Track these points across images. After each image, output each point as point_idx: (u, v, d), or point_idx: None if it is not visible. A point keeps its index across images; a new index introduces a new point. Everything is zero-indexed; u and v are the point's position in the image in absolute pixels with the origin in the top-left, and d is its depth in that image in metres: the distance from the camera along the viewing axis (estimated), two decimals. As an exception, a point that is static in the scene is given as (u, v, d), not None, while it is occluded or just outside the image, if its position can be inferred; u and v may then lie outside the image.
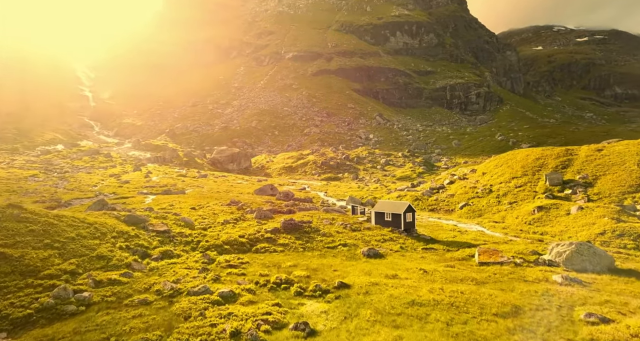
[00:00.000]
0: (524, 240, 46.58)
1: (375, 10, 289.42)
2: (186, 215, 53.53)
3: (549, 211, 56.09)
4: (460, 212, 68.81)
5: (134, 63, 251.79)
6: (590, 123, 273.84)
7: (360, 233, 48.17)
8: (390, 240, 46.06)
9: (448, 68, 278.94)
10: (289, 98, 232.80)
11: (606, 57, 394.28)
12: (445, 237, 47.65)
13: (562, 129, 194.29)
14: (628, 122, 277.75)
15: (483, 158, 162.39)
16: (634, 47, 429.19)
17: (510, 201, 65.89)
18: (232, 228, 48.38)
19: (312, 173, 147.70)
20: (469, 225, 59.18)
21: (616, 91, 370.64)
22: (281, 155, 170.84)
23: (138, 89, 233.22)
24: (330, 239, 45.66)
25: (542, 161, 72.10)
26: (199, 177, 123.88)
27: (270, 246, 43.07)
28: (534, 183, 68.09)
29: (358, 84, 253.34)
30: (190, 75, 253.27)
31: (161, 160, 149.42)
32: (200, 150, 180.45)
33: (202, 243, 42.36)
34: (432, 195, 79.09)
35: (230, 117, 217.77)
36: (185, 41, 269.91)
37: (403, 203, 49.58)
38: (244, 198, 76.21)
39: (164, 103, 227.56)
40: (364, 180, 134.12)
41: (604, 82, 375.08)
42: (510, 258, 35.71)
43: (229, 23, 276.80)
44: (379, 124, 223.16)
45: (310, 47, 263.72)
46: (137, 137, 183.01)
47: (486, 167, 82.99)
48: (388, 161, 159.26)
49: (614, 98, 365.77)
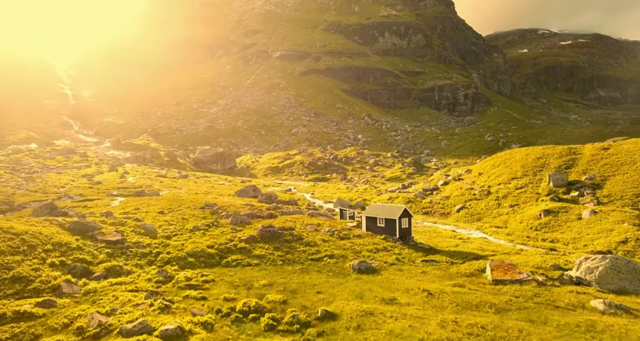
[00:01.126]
0: (535, 249, 40.24)
1: (364, 10, 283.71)
2: (150, 220, 46.08)
3: (557, 215, 49.98)
4: (457, 216, 62.50)
5: (117, 61, 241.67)
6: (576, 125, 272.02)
7: (350, 241, 41.34)
8: (384, 249, 39.31)
9: (436, 69, 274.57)
10: (277, 97, 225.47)
11: (589, 60, 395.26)
12: (446, 246, 41.06)
13: (551, 130, 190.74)
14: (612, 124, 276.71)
15: (473, 159, 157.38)
16: (615, 51, 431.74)
17: (511, 204, 59.76)
18: (201, 237, 41.16)
19: (299, 174, 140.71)
20: (468, 231, 52.82)
21: (599, 94, 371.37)
22: (267, 155, 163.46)
23: (121, 88, 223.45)
24: (315, 249, 38.75)
25: (544, 161, 66.23)
26: (179, 178, 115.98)
27: (243, 258, 35.99)
28: (536, 184, 62.12)
29: (346, 84, 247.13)
30: (175, 74, 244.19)
31: (141, 160, 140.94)
32: (184, 150, 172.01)
33: (162, 255, 35.09)
34: (425, 196, 72.73)
35: (216, 116, 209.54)
36: (170, 40, 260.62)
37: (398, 207, 42.91)
38: (222, 200, 68.86)
39: (148, 102, 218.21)
40: (352, 181, 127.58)
41: (587, 85, 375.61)
42: (529, 274, 29.22)
43: (215, 21, 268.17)
44: (368, 124, 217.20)
45: (298, 47, 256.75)
46: (117, 137, 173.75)
47: (482, 167, 76.95)
48: (377, 161, 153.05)
49: (597, 101, 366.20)
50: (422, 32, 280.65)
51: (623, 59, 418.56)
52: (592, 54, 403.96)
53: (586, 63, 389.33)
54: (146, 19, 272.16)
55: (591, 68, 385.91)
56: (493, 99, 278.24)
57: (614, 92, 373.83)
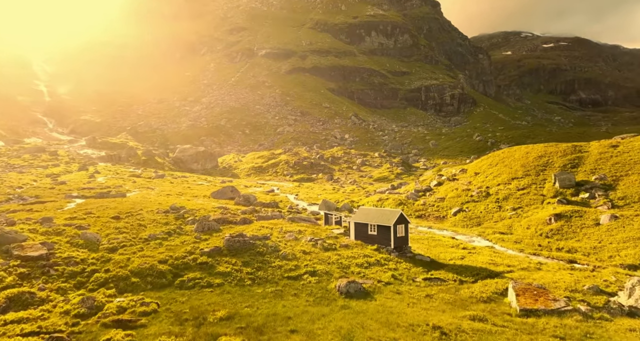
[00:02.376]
0: (557, 263, 33.49)
1: (350, 9, 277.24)
2: (98, 228, 38.01)
3: (571, 220, 43.48)
4: (454, 220, 55.73)
5: (96, 57, 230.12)
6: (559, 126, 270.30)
7: (336, 253, 33.97)
8: (377, 263, 32.05)
9: (423, 69, 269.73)
10: (262, 96, 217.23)
11: (571, 63, 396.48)
12: (450, 259, 34.01)
13: (538, 130, 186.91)
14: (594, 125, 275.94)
15: (462, 159, 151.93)
16: (596, 54, 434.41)
17: (513, 206, 53.23)
18: (156, 248, 33.34)
19: (284, 174, 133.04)
20: (470, 238, 46.01)
21: (581, 96, 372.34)
22: (251, 154, 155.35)
23: (99, 85, 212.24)
24: (294, 264, 31.30)
25: (546, 159, 59.97)
26: (154, 178, 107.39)
27: (203, 277, 28.34)
28: (540, 185, 55.75)
29: (333, 83, 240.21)
30: (157, 71, 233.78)
31: (116, 159, 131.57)
32: (164, 149, 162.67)
33: (98, 274, 27.22)
34: (418, 198, 65.89)
35: (199, 115, 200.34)
36: (152, 36, 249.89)
37: (392, 212, 35.73)
38: (194, 203, 60.90)
39: (127, 100, 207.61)
40: (339, 182, 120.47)
41: (569, 87, 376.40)
42: (566, 301, 22.29)
43: (199, 18, 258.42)
44: (355, 124, 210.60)
45: (284, 45, 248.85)
46: (94, 135, 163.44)
47: (478, 166, 70.48)
48: (364, 161, 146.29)
49: (578, 103, 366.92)
50: (409, 32, 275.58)
51: (602, 63, 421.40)
52: (574, 57, 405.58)
53: (568, 66, 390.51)
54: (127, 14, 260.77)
55: (573, 70, 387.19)
56: (479, 100, 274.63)
57: (594, 95, 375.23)
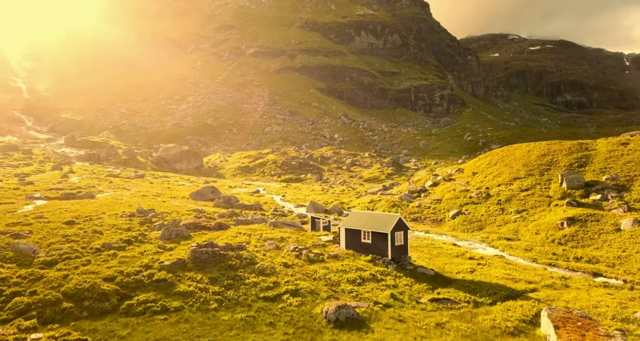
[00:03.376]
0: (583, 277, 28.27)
1: (340, 9, 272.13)
2: (41, 236, 31.76)
3: (586, 225, 38.52)
4: (452, 223, 50.55)
5: (79, 54, 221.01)
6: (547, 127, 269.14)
7: (323, 266, 28.34)
8: (372, 279, 26.51)
9: (412, 69, 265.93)
10: (250, 95, 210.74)
11: (556, 65, 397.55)
12: (457, 272, 28.62)
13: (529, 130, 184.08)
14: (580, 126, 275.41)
15: (454, 159, 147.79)
16: (580, 57, 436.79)
17: (517, 209, 48.24)
18: (106, 261, 27.30)
19: (272, 174, 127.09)
20: (472, 244, 40.80)
21: (566, 98, 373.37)
22: (237, 154, 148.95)
23: (81, 82, 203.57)
24: (272, 280, 25.60)
25: (550, 158, 55.20)
26: (134, 178, 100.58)
27: (157, 299, 22.48)
28: (545, 185, 50.89)
29: (322, 83, 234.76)
30: (142, 69, 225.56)
31: (95, 158, 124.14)
32: (147, 149, 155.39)
33: (19, 298, 21.20)
34: (412, 200, 60.63)
35: (184, 114, 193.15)
36: (138, 33, 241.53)
37: (389, 217, 30.24)
38: (169, 204, 54.74)
39: (111, 98, 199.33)
40: (328, 182, 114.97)
41: (555, 89, 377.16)
42: (621, 335, 16.98)
43: (186, 16, 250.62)
44: (344, 124, 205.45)
45: (273, 44, 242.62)
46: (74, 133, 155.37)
47: (476, 165, 65.49)
48: (354, 161, 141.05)
49: (564, 105, 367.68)
50: (398, 33, 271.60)
51: (587, 65, 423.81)
52: (559, 60, 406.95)
53: (554, 68, 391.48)
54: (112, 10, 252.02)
55: (558, 73, 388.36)
56: (468, 101, 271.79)
57: (579, 97, 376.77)
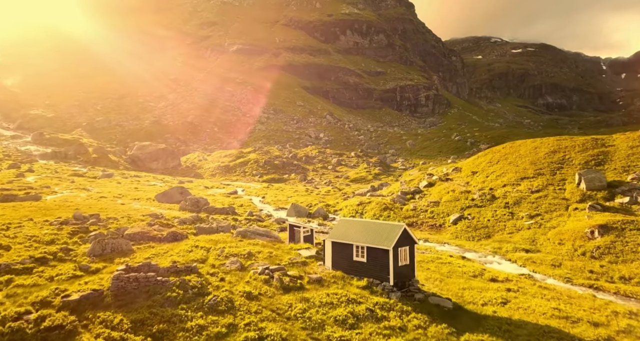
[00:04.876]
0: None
1: (325, 7, 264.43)
2: None
3: (623, 234, 31.42)
4: (454, 229, 43.10)
5: (52, 49, 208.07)
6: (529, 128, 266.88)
7: (301, 296, 20.27)
8: (370, 317, 18.61)
9: (398, 69, 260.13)
10: (232, 93, 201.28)
11: (538, 68, 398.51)
12: (482, 303, 20.90)
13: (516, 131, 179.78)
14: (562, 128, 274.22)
15: (442, 159, 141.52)
16: (560, 60, 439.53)
17: (530, 213, 41.06)
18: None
19: (253, 174, 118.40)
20: (483, 256, 33.32)
21: (548, 100, 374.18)
22: (217, 153, 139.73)
23: (55, 78, 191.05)
24: (226, 322, 17.42)
25: (562, 155, 48.34)
26: (100, 177, 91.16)
27: (41, 363, 14.18)
28: (558, 186, 43.89)
29: (307, 82, 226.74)
30: (121, 65, 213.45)
31: (61, 157, 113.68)
32: (122, 147, 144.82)
33: None
34: (406, 202, 53.06)
35: (164, 111, 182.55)
36: (117, 28, 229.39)
37: (391, 227, 22.36)
38: (120, 208, 45.78)
39: (86, 95, 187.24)
40: (313, 182, 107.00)
41: (537, 92, 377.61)
42: None
43: (167, 11, 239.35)
44: (330, 123, 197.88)
45: (257, 41, 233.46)
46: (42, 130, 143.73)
47: (475, 164, 58.31)
48: (340, 161, 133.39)
49: (545, 107, 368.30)
50: (384, 32, 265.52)
51: (567, 68, 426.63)
52: (540, 63, 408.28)
53: (535, 71, 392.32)
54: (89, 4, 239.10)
55: (540, 75, 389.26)
56: (452, 102, 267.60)
57: (560, 99, 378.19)
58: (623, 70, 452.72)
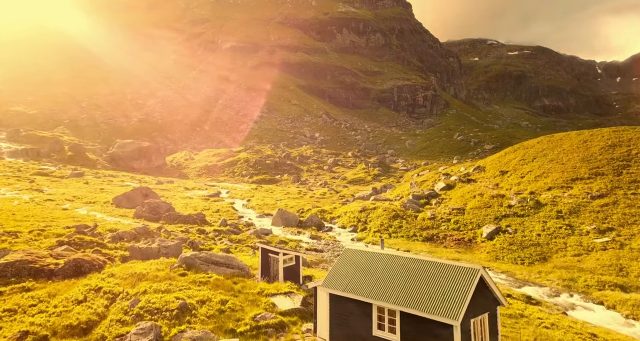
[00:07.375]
0: None
1: (321, 5, 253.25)
2: None
3: None
4: (491, 247, 31.46)
5: (40, 46, 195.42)
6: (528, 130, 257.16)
7: None
8: None
9: (395, 69, 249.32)
10: (224, 91, 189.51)
11: (534, 70, 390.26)
12: None
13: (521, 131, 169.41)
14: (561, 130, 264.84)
15: (445, 160, 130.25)
16: (556, 63, 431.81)
17: (598, 227, 29.58)
18: None
19: (242, 175, 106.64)
20: (553, 294, 21.81)
21: (544, 102, 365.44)
22: (206, 151, 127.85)
23: (39, 74, 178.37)
24: None
25: (626, 150, 36.96)
26: (69, 177, 79.68)
27: None
28: (632, 189, 32.35)
29: (303, 81, 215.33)
30: (111, 62, 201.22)
31: (34, 155, 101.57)
32: (107, 145, 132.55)
33: None
34: (421, 208, 41.42)
35: (152, 109, 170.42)
36: (108, 25, 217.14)
37: (452, 271, 10.73)
38: (53, 216, 33.81)
39: (71, 92, 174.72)
40: (307, 184, 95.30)
41: (533, 94, 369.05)
42: None
43: (159, 7, 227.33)
44: (326, 123, 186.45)
45: (251, 39, 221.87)
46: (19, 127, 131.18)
47: (502, 162, 46.75)
48: (336, 161, 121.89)
49: (542, 109, 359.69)
50: (381, 31, 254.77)
51: (563, 71, 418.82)
52: (537, 65, 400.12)
53: (532, 73, 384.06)
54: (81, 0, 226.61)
55: (536, 77, 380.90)
56: (450, 103, 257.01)
57: (557, 102, 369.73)
58: (618, 74, 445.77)
